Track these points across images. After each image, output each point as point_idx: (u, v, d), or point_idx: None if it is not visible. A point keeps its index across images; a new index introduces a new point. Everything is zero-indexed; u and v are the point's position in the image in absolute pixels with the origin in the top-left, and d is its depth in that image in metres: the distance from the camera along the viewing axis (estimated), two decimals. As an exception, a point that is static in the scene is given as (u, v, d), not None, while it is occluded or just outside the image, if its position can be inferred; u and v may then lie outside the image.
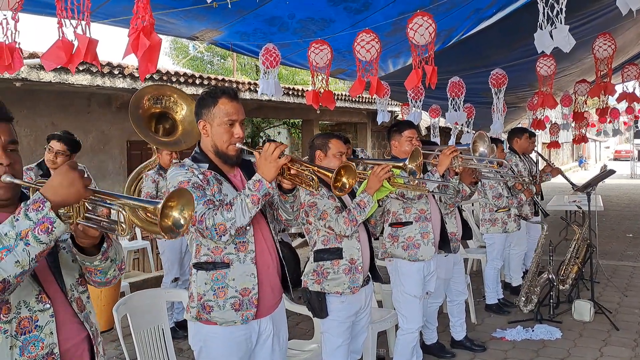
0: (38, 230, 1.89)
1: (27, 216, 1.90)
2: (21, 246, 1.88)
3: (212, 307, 3.10)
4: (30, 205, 1.91)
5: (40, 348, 2.11)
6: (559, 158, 45.48)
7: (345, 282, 4.07)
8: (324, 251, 4.13)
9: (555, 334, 6.43)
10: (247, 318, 3.11)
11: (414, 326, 5.04)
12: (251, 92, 11.81)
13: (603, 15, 7.28)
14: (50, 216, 1.91)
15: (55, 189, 1.95)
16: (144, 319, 3.87)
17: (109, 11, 5.42)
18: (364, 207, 4.01)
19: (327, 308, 4.10)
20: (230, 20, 6.40)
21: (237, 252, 3.10)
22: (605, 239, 12.73)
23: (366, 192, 4.02)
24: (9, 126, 2.18)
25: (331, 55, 6.53)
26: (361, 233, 4.22)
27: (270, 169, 2.93)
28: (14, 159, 2.16)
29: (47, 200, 1.92)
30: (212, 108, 3.15)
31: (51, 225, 1.92)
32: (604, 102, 9.76)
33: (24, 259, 1.89)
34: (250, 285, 3.11)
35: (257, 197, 2.92)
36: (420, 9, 5.64)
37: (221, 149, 3.17)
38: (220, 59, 28.84)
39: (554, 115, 18.98)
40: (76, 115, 9.57)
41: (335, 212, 4.04)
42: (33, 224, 1.89)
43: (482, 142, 5.07)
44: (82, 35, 3.32)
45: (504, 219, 7.37)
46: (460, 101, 9.23)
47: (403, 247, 5.01)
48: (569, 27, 4.56)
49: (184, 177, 3.04)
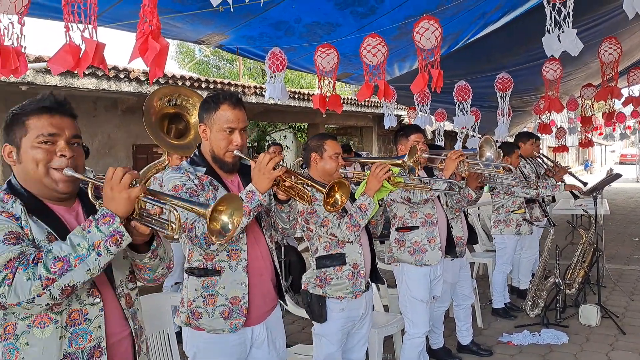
0: (110, 242, 2.04)
1: (99, 229, 2.04)
2: (93, 256, 2.03)
3: (201, 314, 3.08)
4: (100, 219, 2.05)
5: (88, 340, 2.20)
6: (564, 162, 45.38)
7: (348, 287, 4.01)
8: (327, 257, 4.05)
9: (562, 338, 6.40)
10: (236, 327, 3.08)
11: (420, 331, 5.01)
12: (257, 96, 11.83)
13: (609, 19, 7.26)
14: (121, 230, 2.06)
15: (114, 203, 2.09)
16: (148, 323, 3.86)
17: (114, 15, 5.42)
18: (366, 211, 3.91)
19: (327, 313, 4.04)
20: (237, 24, 6.40)
21: (229, 259, 3.07)
22: (612, 242, 12.69)
23: (366, 194, 3.94)
24: (73, 122, 2.31)
25: (338, 59, 6.53)
26: (362, 236, 4.15)
27: (264, 180, 2.89)
28: (78, 152, 2.28)
29: (116, 215, 2.06)
30: (213, 113, 3.12)
31: (120, 238, 2.07)
32: (610, 106, 9.75)
33: (95, 268, 2.05)
34: (241, 294, 3.08)
35: (248, 209, 2.87)
36: (426, 12, 5.64)
37: (218, 155, 3.14)
38: (227, 63, 28.87)
39: (559, 119, 18.96)
40: (82, 119, 9.50)
41: (337, 219, 3.95)
42: (105, 236, 2.04)
43: (488, 147, 5.06)
44: (89, 39, 3.33)
45: (518, 220, 7.35)
46: (467, 105, 9.21)
47: (409, 252, 4.98)
48: (576, 30, 4.55)
49: (179, 181, 3.02)
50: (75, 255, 2.00)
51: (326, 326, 4.06)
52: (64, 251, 2.01)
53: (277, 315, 3.39)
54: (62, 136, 2.23)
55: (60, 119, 2.24)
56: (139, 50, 3.16)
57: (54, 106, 2.24)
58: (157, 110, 5.30)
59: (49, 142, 2.20)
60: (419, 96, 9.36)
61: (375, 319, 4.83)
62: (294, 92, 12.99)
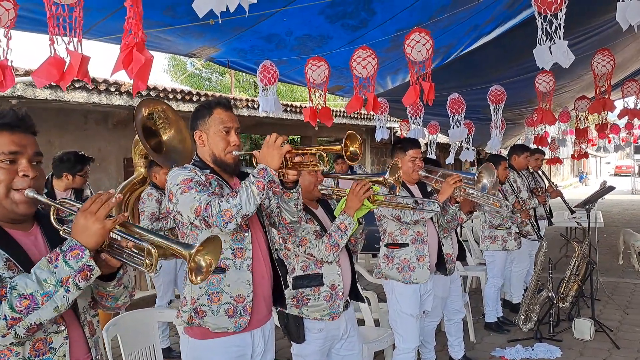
0: (79, 278, 1.93)
1: (67, 263, 1.92)
2: (61, 292, 1.91)
3: (206, 312, 3.06)
4: (68, 251, 1.93)
5: None
6: (559, 174, 45.45)
7: (325, 309, 3.89)
8: (304, 277, 3.92)
9: (555, 353, 6.34)
10: (240, 326, 3.07)
11: (410, 345, 4.94)
12: (249, 109, 11.80)
13: (602, 31, 7.27)
14: (90, 264, 1.95)
15: (85, 235, 1.97)
16: (135, 339, 3.80)
17: (105, 29, 5.40)
18: (345, 230, 3.82)
19: (305, 333, 3.92)
20: (228, 37, 6.39)
21: (234, 257, 3.08)
22: (606, 255, 12.65)
23: (346, 212, 3.85)
24: (35, 139, 2.18)
25: (328, 72, 6.52)
26: (342, 256, 4.02)
27: (274, 156, 2.91)
28: (40, 172, 2.16)
29: (85, 248, 1.94)
30: (207, 118, 3.20)
31: (90, 273, 1.96)
32: (603, 118, 9.75)
33: (63, 304, 1.93)
34: (245, 292, 3.09)
35: (262, 184, 2.87)
36: (418, 25, 5.62)
37: (219, 157, 3.19)
38: (219, 75, 28.95)
39: (553, 131, 18.97)
40: (72, 132, 9.50)
41: (315, 238, 3.85)
42: (74, 271, 1.92)
43: (487, 175, 5.03)
44: (74, 52, 3.29)
45: (504, 236, 7.31)
46: (460, 118, 9.20)
47: (398, 269, 4.91)
48: (567, 42, 4.53)
49: (187, 175, 3.03)
50: (42, 292, 1.88)
51: (305, 347, 3.95)
52: (30, 288, 1.88)
53: (272, 329, 3.39)
54: (24, 154, 2.10)
55: (22, 136, 2.11)
56: (122, 63, 3.13)
57: (15, 123, 2.11)
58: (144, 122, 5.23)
59: (10, 161, 2.07)
60: (412, 109, 9.36)
61: (365, 334, 4.77)
62: (287, 105, 12.96)
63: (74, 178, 6.03)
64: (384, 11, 5.97)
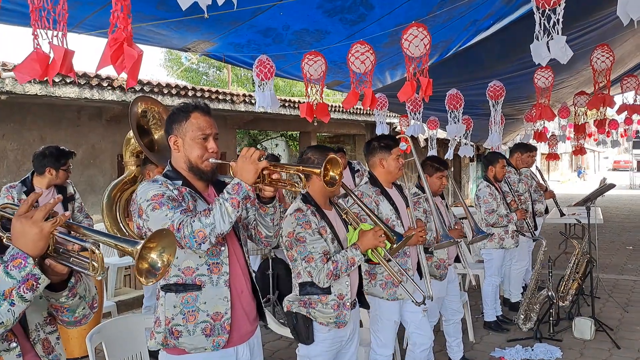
0: (24, 289, 1.78)
1: (9, 274, 1.78)
2: (5, 306, 1.78)
3: (181, 332, 2.92)
4: (9, 261, 1.79)
5: None
6: (557, 169, 45.40)
7: (332, 317, 3.79)
8: (311, 284, 3.79)
9: (555, 353, 6.27)
10: (219, 344, 2.94)
11: (388, 352, 4.78)
12: (246, 104, 11.68)
13: (601, 26, 7.18)
14: (35, 272, 1.81)
15: (24, 241, 1.81)
16: (121, 347, 3.68)
17: (96, 22, 5.27)
18: (352, 265, 3.75)
19: (314, 334, 3.82)
20: (224, 31, 6.27)
21: (210, 273, 2.94)
22: (605, 251, 12.61)
23: (359, 247, 3.78)
24: None
25: (325, 67, 6.41)
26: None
27: (250, 171, 2.76)
28: None
29: (28, 255, 1.79)
30: (183, 122, 3.01)
31: (36, 282, 1.81)
32: (602, 114, 9.66)
33: (9, 320, 1.79)
34: (223, 309, 2.95)
35: (236, 200, 2.72)
36: (416, 20, 5.52)
37: (195, 164, 3.01)
38: (216, 70, 28.71)
39: (552, 126, 18.90)
40: (65, 128, 9.35)
41: (321, 261, 3.70)
42: (17, 282, 1.78)
43: None
44: (57, 46, 3.17)
45: (500, 234, 7.24)
46: (459, 113, 9.10)
47: (381, 286, 4.71)
48: (566, 37, 4.43)
49: (157, 190, 2.86)
50: None
51: (313, 348, 3.85)
52: None
53: (258, 338, 3.26)
54: None
55: None
56: (110, 57, 3.00)
57: None
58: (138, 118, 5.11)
59: None
60: (411, 104, 9.26)
61: (362, 336, 4.66)
62: (285, 100, 12.81)
63: (57, 173, 5.88)
64: (382, 6, 5.86)
